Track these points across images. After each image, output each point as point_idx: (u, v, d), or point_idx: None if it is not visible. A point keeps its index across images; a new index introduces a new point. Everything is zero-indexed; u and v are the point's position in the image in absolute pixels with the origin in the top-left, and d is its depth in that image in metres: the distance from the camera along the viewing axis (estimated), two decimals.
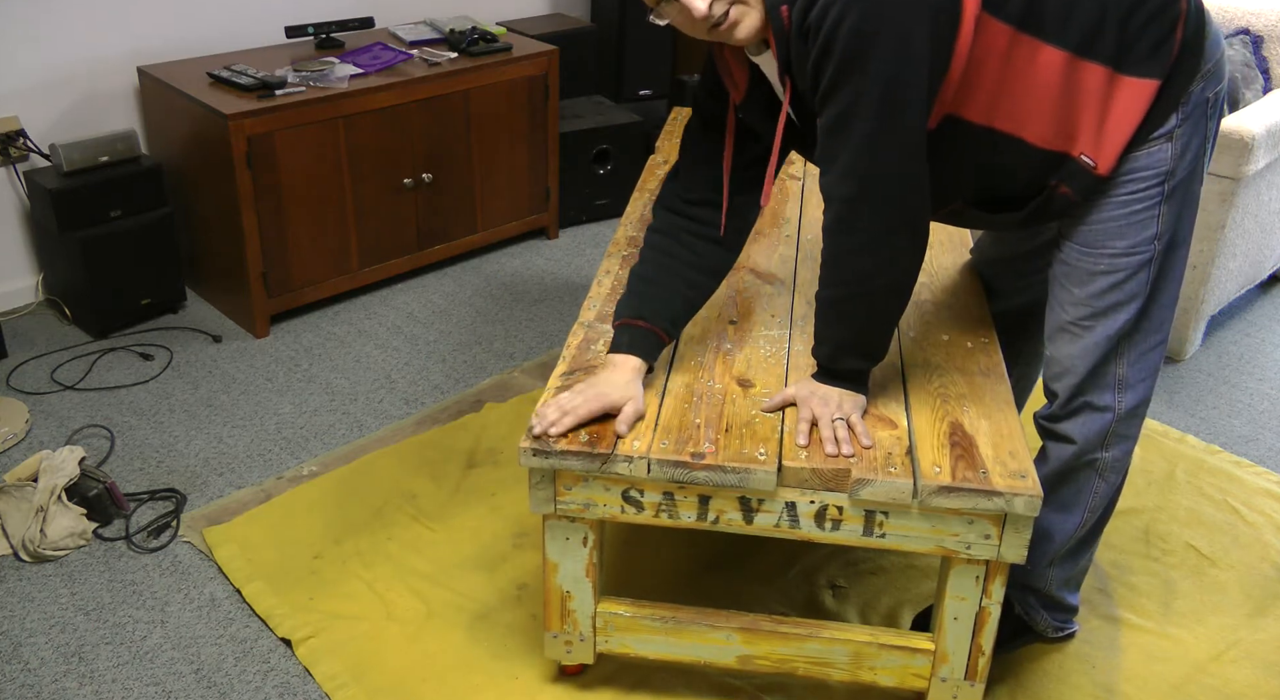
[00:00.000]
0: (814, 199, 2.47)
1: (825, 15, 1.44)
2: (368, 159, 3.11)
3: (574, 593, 1.79)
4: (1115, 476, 1.84)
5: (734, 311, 2.01)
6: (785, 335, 1.94)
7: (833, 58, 1.45)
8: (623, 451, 1.62)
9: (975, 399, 1.76)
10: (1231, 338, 3.22)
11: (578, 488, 1.67)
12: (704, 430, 1.67)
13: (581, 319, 1.97)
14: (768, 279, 2.13)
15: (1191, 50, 1.56)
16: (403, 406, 2.77)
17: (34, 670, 1.98)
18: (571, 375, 1.79)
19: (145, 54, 3.17)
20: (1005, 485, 1.56)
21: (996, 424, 1.70)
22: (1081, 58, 1.53)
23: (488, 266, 3.53)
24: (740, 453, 1.62)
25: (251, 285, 2.99)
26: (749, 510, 1.65)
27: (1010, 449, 1.64)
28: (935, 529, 1.62)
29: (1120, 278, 1.66)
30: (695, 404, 1.74)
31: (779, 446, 1.64)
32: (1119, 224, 1.64)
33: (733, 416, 1.71)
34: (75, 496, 2.30)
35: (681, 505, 1.66)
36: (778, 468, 1.61)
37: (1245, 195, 2.85)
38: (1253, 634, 2.12)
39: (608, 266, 2.15)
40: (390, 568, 2.21)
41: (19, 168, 3.02)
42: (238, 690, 1.94)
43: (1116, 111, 1.56)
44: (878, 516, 1.62)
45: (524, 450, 1.64)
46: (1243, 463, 2.63)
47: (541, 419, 1.67)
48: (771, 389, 1.78)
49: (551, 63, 3.46)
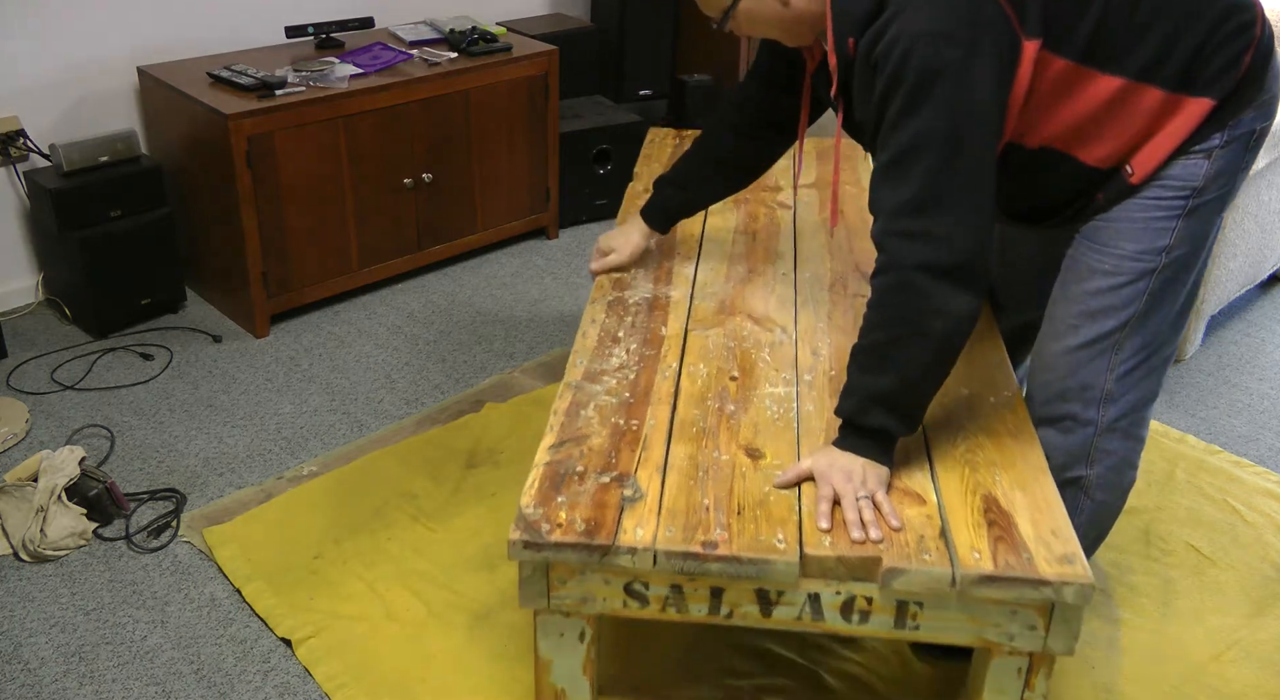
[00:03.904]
0: (808, 231, 2.35)
1: (892, 49, 1.44)
2: (368, 159, 3.11)
3: (570, 691, 1.62)
4: (1104, 494, 1.80)
5: (734, 365, 1.85)
6: (792, 394, 1.78)
7: (899, 91, 1.45)
8: (625, 542, 1.46)
9: (1006, 466, 1.62)
10: (1231, 338, 3.22)
11: (574, 581, 1.50)
12: (714, 513, 1.51)
13: (568, 378, 1.80)
14: (766, 325, 1.98)
15: (1255, 76, 1.55)
16: (403, 406, 2.77)
17: (34, 670, 1.98)
18: (560, 447, 1.63)
19: (145, 54, 3.17)
20: (1053, 573, 1.42)
21: (1033, 496, 1.56)
22: (1140, 82, 1.52)
23: (488, 266, 3.53)
24: (756, 540, 1.47)
25: (251, 285, 2.99)
26: (767, 603, 1.49)
27: (1052, 527, 1.50)
28: (974, 619, 1.47)
29: (1120, 281, 1.64)
30: (701, 480, 1.58)
31: (798, 530, 1.49)
32: (1135, 226, 1.62)
33: (744, 495, 1.55)
34: (75, 496, 2.30)
35: (691, 598, 1.50)
36: (799, 557, 1.45)
37: (1245, 195, 2.85)
38: (1253, 634, 2.12)
39: (593, 314, 1.99)
40: (390, 568, 2.21)
41: (19, 168, 3.02)
42: (238, 690, 1.94)
43: (1168, 127, 1.56)
44: (911, 607, 1.47)
45: (513, 543, 1.46)
46: (1243, 463, 2.63)
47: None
48: (784, 460, 1.62)
49: (551, 63, 3.46)
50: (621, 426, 1.69)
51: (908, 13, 1.44)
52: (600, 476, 1.58)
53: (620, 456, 1.62)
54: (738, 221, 2.37)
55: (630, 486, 1.56)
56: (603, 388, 1.77)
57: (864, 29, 1.51)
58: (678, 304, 2.03)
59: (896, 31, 1.44)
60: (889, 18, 1.46)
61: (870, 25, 1.50)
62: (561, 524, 1.48)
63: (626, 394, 1.76)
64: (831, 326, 1.96)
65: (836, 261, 2.21)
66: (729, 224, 2.36)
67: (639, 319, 1.98)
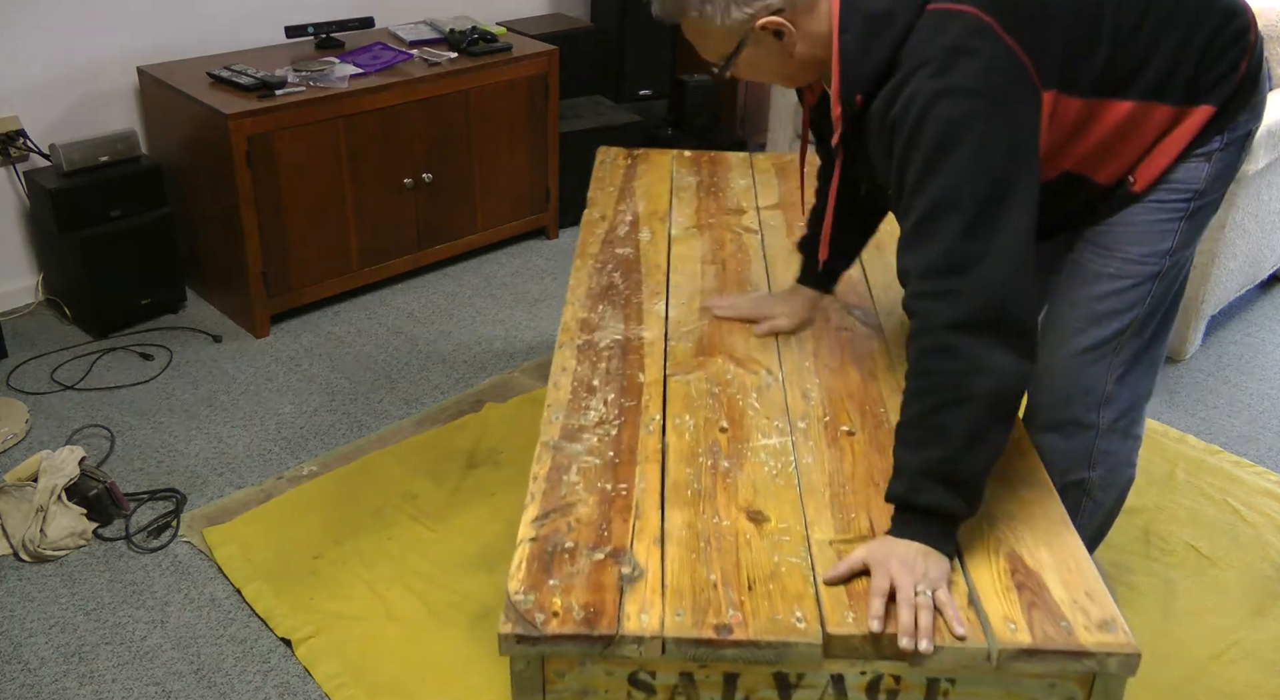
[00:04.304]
0: (780, 257, 2.22)
1: (909, 108, 1.37)
2: (368, 159, 3.11)
3: None
4: (1105, 495, 1.80)
5: (721, 415, 1.72)
6: (788, 445, 1.66)
7: (919, 152, 1.38)
8: (630, 630, 1.32)
9: (1025, 519, 1.52)
10: (1231, 338, 3.22)
11: (573, 674, 1.37)
12: (722, 590, 1.38)
13: (544, 437, 1.64)
14: (750, 366, 1.84)
15: (1252, 81, 1.57)
16: (403, 406, 2.77)
17: (34, 670, 1.98)
18: (545, 519, 1.49)
19: (145, 54, 3.17)
20: (1094, 642, 1.32)
21: (1058, 553, 1.46)
22: (1150, 102, 1.52)
23: (488, 266, 3.53)
24: (773, 620, 1.34)
25: (251, 285, 2.99)
26: (786, 687, 1.37)
27: (1085, 588, 1.40)
28: (1010, 694, 1.37)
29: (1126, 284, 1.64)
30: (704, 551, 1.45)
31: (817, 607, 1.36)
32: (1140, 230, 1.62)
33: (752, 567, 1.42)
34: (75, 496, 2.30)
35: (703, 686, 1.37)
36: (822, 636, 1.33)
37: (1245, 195, 2.85)
38: (1253, 634, 2.12)
39: (562, 361, 1.84)
40: (390, 568, 2.21)
41: (19, 168, 3.02)
42: (238, 690, 1.94)
43: (1172, 136, 1.56)
44: (942, 685, 1.36)
45: (505, 637, 1.32)
46: (1243, 463, 2.63)
47: (713, 304, 1.97)
48: (789, 523, 1.50)
49: (551, 63, 3.46)
50: (609, 491, 1.55)
51: (925, 70, 1.37)
52: (593, 553, 1.44)
53: (613, 527, 1.49)
54: (703, 249, 2.24)
55: (628, 563, 1.43)
56: (583, 446, 1.64)
57: (873, 86, 1.44)
58: (652, 346, 1.89)
59: (913, 90, 1.37)
60: (904, 76, 1.39)
61: (881, 84, 1.43)
62: (558, 612, 1.34)
63: (610, 453, 1.63)
64: (819, 365, 1.86)
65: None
66: (694, 253, 2.22)
67: (613, 364, 1.84)
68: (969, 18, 1.38)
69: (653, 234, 2.30)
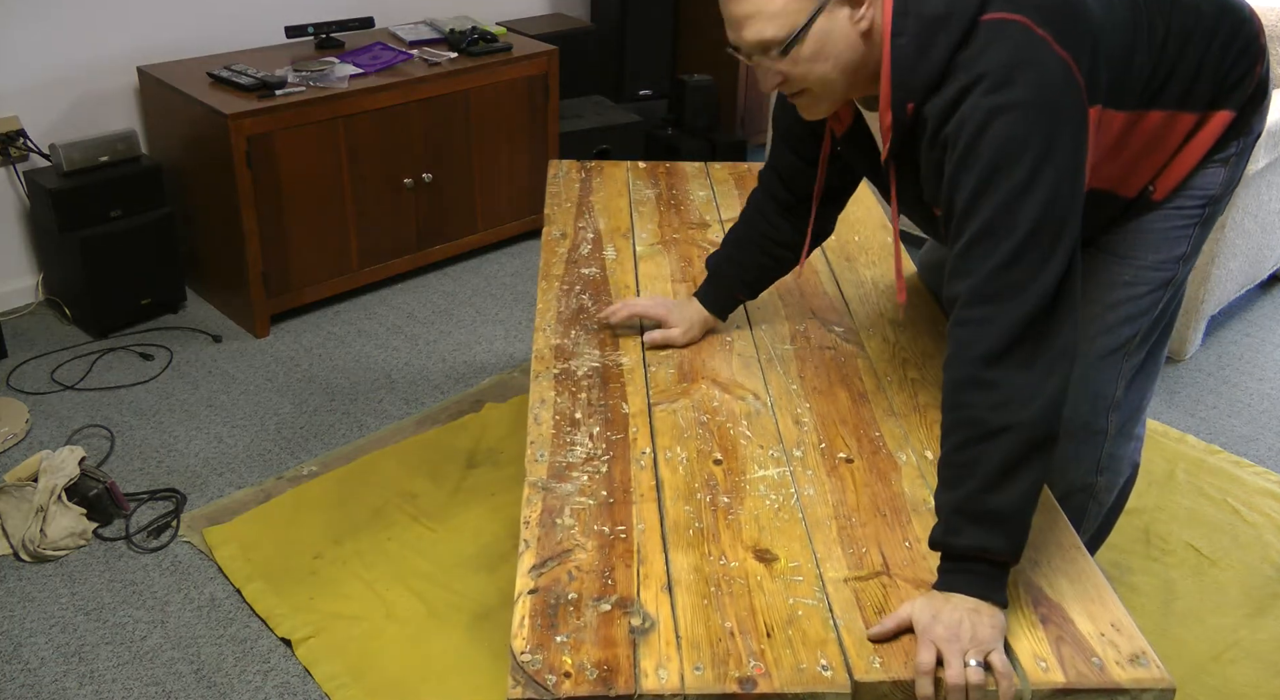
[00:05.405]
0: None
1: (964, 125, 1.33)
2: (368, 159, 3.11)
3: None
4: (1108, 496, 1.81)
5: (714, 446, 1.64)
6: (787, 475, 1.59)
7: (973, 171, 1.33)
8: (649, 689, 1.24)
9: (1038, 546, 1.46)
10: (1231, 338, 3.22)
11: None
12: (740, 639, 1.32)
13: (531, 477, 1.56)
14: (736, 392, 1.77)
15: (1264, 84, 1.59)
16: (403, 406, 2.77)
17: (34, 670, 1.98)
18: (544, 569, 1.41)
19: (145, 54, 3.17)
20: (1129, 679, 1.26)
21: (1077, 582, 1.40)
22: (1179, 111, 1.53)
23: (488, 266, 3.53)
24: (797, 670, 1.27)
25: (251, 285, 2.99)
26: None
27: (1111, 619, 1.34)
28: None
29: (1140, 291, 1.64)
30: (715, 597, 1.38)
31: (841, 652, 1.30)
32: (1156, 236, 1.62)
33: (768, 611, 1.36)
34: (75, 496, 2.30)
35: None
36: (851, 686, 1.26)
37: (1245, 195, 2.85)
38: (1253, 634, 2.12)
39: (540, 392, 1.75)
40: (390, 568, 2.21)
41: (19, 168, 3.02)
42: (238, 690, 1.94)
43: (1193, 144, 1.57)
44: None
45: None
46: (1243, 463, 2.63)
47: (606, 311, 1.88)
48: (799, 561, 1.44)
49: (551, 63, 3.46)
50: (608, 534, 1.48)
51: (982, 86, 1.32)
52: (599, 603, 1.36)
53: (615, 574, 1.41)
54: (671, 267, 2.15)
55: (637, 614, 1.35)
56: (574, 486, 1.56)
57: (925, 96, 1.38)
58: (632, 372, 1.81)
59: (970, 107, 1.33)
60: (959, 91, 1.34)
61: (932, 93, 1.38)
62: (569, 672, 1.25)
63: (604, 492, 1.55)
64: (806, 388, 1.79)
65: (790, 308, 2.03)
66: (663, 271, 2.13)
67: (594, 395, 1.76)
68: (1026, 30, 1.33)
69: (618, 252, 2.21)
